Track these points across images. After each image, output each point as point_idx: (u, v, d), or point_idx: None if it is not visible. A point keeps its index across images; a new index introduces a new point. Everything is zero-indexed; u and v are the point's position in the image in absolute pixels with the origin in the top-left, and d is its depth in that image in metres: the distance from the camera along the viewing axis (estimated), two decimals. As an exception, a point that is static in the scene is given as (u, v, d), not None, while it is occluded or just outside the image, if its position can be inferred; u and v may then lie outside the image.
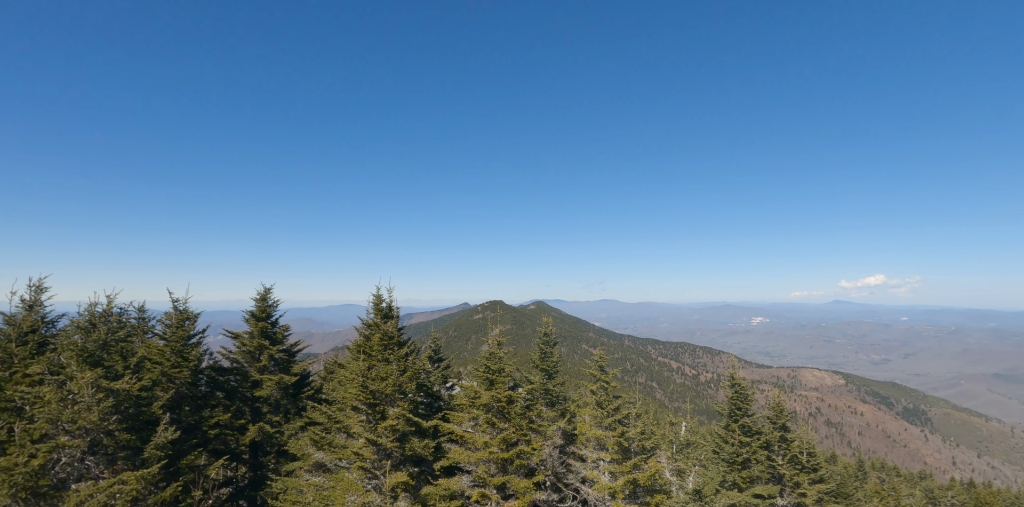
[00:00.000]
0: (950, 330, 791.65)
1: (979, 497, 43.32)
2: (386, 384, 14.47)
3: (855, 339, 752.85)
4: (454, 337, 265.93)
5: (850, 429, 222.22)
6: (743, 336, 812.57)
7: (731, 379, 17.73)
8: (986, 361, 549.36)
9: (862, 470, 57.74)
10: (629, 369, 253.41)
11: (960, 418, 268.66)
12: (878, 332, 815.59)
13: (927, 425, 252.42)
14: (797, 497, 17.82)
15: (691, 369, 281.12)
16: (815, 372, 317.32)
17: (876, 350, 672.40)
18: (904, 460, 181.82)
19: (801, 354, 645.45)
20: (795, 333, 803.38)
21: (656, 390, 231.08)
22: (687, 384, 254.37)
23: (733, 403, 17.62)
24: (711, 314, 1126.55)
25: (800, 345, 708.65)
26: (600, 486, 14.75)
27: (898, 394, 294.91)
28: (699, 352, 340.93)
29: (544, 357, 17.73)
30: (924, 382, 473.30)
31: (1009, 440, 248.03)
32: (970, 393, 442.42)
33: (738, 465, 17.46)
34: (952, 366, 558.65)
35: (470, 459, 14.36)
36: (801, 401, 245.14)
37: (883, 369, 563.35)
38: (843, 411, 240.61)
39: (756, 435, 17.70)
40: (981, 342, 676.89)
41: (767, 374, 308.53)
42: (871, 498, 41.66)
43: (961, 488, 50.75)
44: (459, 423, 15.64)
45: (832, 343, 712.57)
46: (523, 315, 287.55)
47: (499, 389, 14.75)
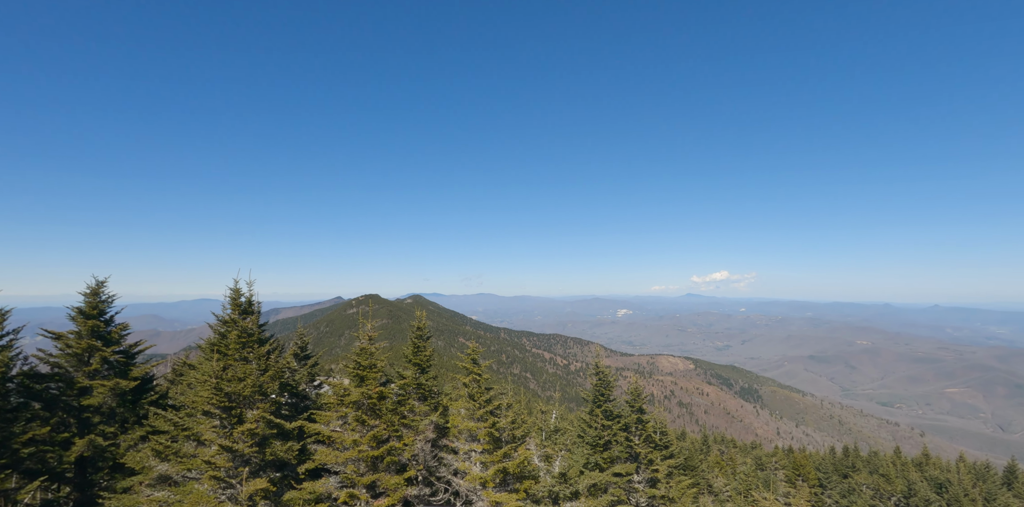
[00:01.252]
0: (778, 319, 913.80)
1: (795, 461, 50.56)
2: (244, 385, 13.41)
3: (703, 328, 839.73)
4: (326, 333, 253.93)
5: (698, 408, 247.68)
6: (610, 327, 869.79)
7: (595, 367, 18.90)
8: (804, 345, 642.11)
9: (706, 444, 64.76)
10: (505, 361, 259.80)
11: (784, 394, 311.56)
12: (722, 322, 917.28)
13: (758, 401, 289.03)
14: (651, 472, 19.51)
15: (562, 359, 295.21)
16: (670, 358, 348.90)
17: (720, 337, 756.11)
18: (740, 433, 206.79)
19: (659, 342, 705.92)
20: (654, 323, 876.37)
21: (530, 380, 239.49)
22: (559, 373, 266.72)
23: (597, 390, 18.82)
24: (582, 307, 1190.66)
25: (658, 334, 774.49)
26: (472, 476, 14.97)
27: (737, 376, 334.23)
28: (570, 343, 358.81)
29: (417, 351, 17.55)
30: (757, 364, 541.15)
31: (820, 411, 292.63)
32: (791, 373, 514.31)
33: (600, 447, 18.69)
34: (779, 350, 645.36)
35: (338, 459, 13.81)
36: (658, 385, 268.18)
37: (725, 354, 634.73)
38: (692, 392, 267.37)
39: (617, 418, 19.06)
40: (800, 329, 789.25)
41: (629, 362, 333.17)
42: (713, 468, 46.83)
43: (783, 454, 58.91)
44: (327, 423, 14.97)
45: (685, 332, 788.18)
46: (399, 309, 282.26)
47: (370, 385, 14.33)
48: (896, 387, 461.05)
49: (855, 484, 45.92)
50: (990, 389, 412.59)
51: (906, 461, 52.61)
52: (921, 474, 41.08)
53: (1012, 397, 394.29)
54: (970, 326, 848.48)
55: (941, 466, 49.81)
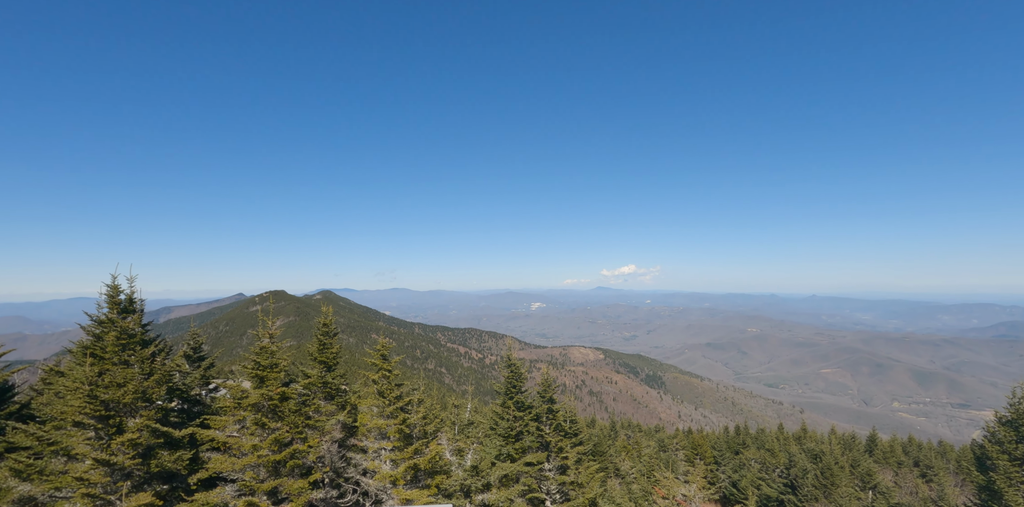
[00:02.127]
0: (679, 309, 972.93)
1: (694, 441, 54.16)
2: (124, 391, 12.18)
3: (612, 319, 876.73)
4: (225, 332, 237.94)
5: (607, 396, 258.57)
6: (524, 320, 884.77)
7: (508, 360, 19.08)
8: (702, 333, 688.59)
9: (614, 430, 67.77)
10: (419, 356, 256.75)
11: (684, 380, 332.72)
12: (630, 313, 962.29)
13: (662, 387, 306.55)
14: (561, 460, 20.04)
15: (477, 353, 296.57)
16: (581, 349, 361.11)
17: (627, 328, 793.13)
18: (646, 418, 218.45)
19: (571, 334, 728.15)
20: (566, 316, 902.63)
21: (445, 375, 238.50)
22: (473, 367, 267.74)
23: (509, 382, 19.02)
24: (496, 300, 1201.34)
25: (570, 326, 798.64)
26: (381, 475, 14.59)
27: (642, 364, 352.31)
28: (485, 337, 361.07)
29: (323, 349, 16.80)
30: (661, 352, 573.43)
31: (716, 394, 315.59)
32: (691, 359, 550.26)
33: (512, 438, 18.92)
34: (680, 338, 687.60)
35: (235, 466, 12.93)
36: (570, 375, 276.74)
37: (632, 343, 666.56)
38: (602, 381, 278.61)
39: (528, 409, 19.37)
40: (699, 319, 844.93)
41: (543, 353, 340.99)
42: (620, 452, 49.00)
43: (683, 436, 62.92)
44: (223, 428, 13.97)
45: (595, 323, 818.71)
46: (308, 306, 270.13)
47: (271, 386, 13.53)
48: (780, 369, 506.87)
49: (745, 459, 49.96)
50: (856, 368, 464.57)
51: (788, 436, 58.04)
52: (800, 447, 45.46)
53: (874, 375, 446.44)
54: (841, 313, 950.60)
55: (816, 439, 55.43)
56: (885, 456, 52.30)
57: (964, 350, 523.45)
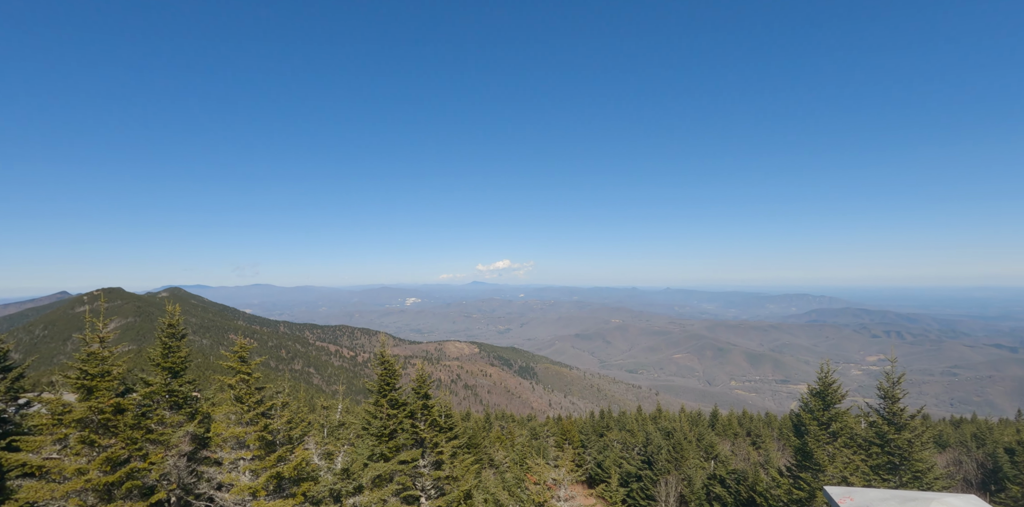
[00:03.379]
0: (551, 303, 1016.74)
1: (563, 427, 56.96)
2: None
3: (487, 313, 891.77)
4: (43, 337, 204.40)
5: (482, 389, 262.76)
6: (398, 316, 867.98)
7: (381, 357, 18.50)
8: (571, 325, 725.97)
9: (489, 422, 68.98)
10: (285, 357, 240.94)
11: (555, 370, 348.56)
12: (504, 307, 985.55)
13: (534, 378, 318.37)
14: (436, 455, 19.92)
15: (349, 351, 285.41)
16: (457, 344, 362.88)
17: (502, 322, 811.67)
18: (519, 408, 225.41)
19: (447, 329, 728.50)
20: (442, 311, 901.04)
21: (314, 375, 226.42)
22: (345, 366, 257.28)
23: (382, 379, 18.45)
24: (370, 296, 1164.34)
25: (446, 321, 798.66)
26: (240, 488, 13.40)
27: (516, 356, 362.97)
28: (357, 334, 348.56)
29: (168, 352, 14.96)
30: (533, 344, 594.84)
31: (583, 382, 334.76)
32: (561, 350, 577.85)
33: (386, 437, 18.42)
34: (551, 330, 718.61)
35: (55, 494, 11.10)
36: (445, 370, 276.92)
37: (506, 337, 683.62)
38: (477, 375, 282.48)
39: (403, 406, 18.97)
40: (569, 311, 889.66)
41: (418, 349, 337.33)
42: (494, 443, 50.02)
43: (553, 423, 65.92)
44: (37, 450, 11.92)
45: (470, 318, 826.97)
46: (151, 305, 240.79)
47: (101, 397, 11.78)
48: (640, 356, 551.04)
49: (609, 441, 53.62)
50: (702, 353, 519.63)
51: (645, 417, 63.31)
52: (655, 426, 49.84)
53: (716, 358, 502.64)
54: (691, 304, 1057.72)
55: (669, 417, 61.07)
56: (724, 429, 59.13)
57: (785, 334, 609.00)
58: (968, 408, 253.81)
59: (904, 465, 17.69)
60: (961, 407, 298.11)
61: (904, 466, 17.69)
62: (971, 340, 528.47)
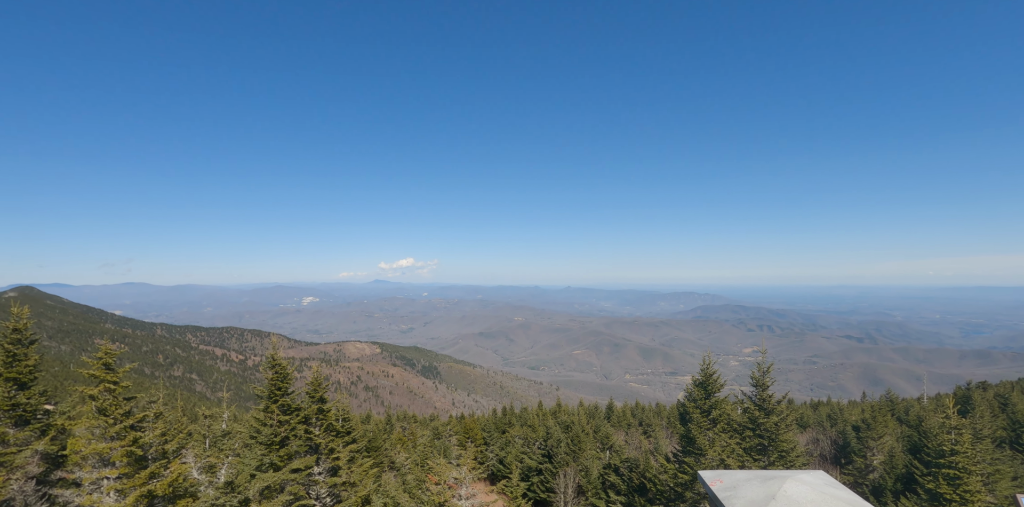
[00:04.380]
0: (455, 301, 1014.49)
1: (466, 425, 57.02)
2: None
3: (390, 312, 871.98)
4: None
5: (384, 390, 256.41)
6: (294, 316, 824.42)
7: (271, 360, 17.38)
8: (475, 324, 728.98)
9: (390, 423, 67.40)
10: (162, 362, 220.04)
11: (459, 368, 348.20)
12: (407, 306, 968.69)
13: (438, 377, 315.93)
14: (332, 461, 19.09)
15: (238, 354, 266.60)
16: (357, 344, 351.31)
17: (405, 321, 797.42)
18: (422, 408, 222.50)
19: (347, 329, 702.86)
20: (342, 310, 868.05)
21: (196, 382, 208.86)
22: (233, 371, 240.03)
23: (273, 383, 17.35)
24: (262, 295, 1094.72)
25: (346, 321, 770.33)
26: (102, 510, 11.96)
27: (419, 356, 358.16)
28: (248, 336, 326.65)
29: (13, 361, 12.99)
30: (437, 343, 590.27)
31: (487, 379, 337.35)
32: (465, 348, 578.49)
33: (277, 445, 17.35)
34: (455, 329, 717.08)
35: None
36: (345, 372, 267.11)
37: (409, 336, 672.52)
38: (379, 376, 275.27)
39: (296, 411, 17.98)
40: (473, 310, 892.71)
41: (315, 351, 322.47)
42: (396, 445, 48.98)
43: (456, 421, 65.76)
44: None
45: (372, 317, 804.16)
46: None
47: (-78, 416, 9.99)
48: (541, 353, 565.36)
49: (511, 437, 54.43)
50: (600, 348, 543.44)
51: (546, 412, 65.03)
52: (555, 420, 51.37)
53: (612, 353, 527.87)
54: (590, 302, 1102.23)
55: (568, 411, 63.20)
56: (619, 420, 62.23)
57: (674, 329, 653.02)
58: (825, 392, 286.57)
59: (772, 446, 19.59)
60: (819, 391, 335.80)
61: (772, 447, 19.59)
62: (828, 332, 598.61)
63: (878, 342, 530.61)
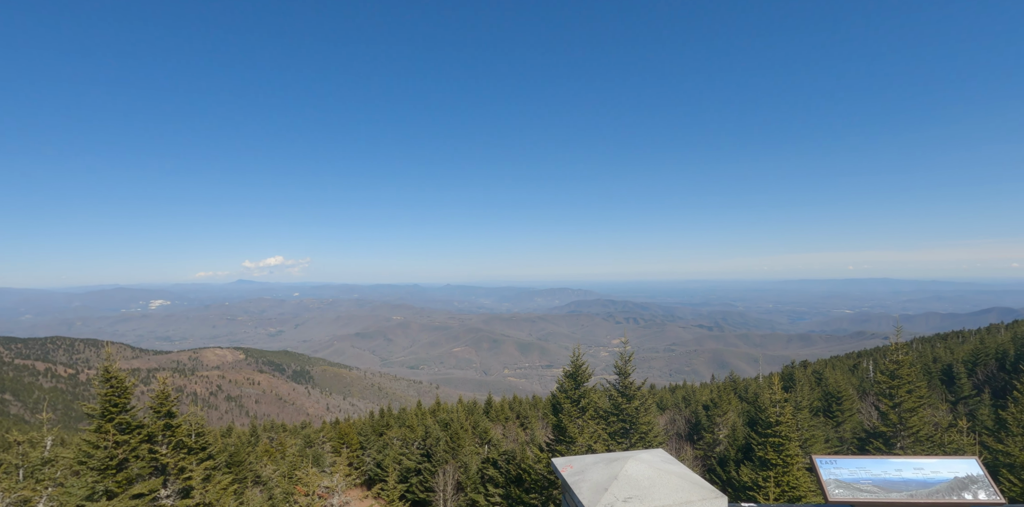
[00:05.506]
0: (329, 301, 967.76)
1: (340, 430, 54.72)
2: None
3: (256, 315, 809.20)
4: None
5: (249, 399, 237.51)
6: (140, 321, 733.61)
7: (105, 373, 15.23)
8: (351, 324, 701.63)
9: (255, 435, 62.60)
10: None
11: (333, 371, 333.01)
12: (275, 307, 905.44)
13: (310, 382, 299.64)
14: (183, 482, 17.26)
15: (67, 368, 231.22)
16: (217, 351, 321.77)
17: (273, 323, 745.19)
18: (293, 416, 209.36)
19: (205, 334, 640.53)
20: (199, 314, 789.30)
21: (11, 403, 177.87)
22: (61, 387, 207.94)
23: (107, 399, 15.21)
24: (98, 300, 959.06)
25: (204, 325, 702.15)
26: None
27: (289, 360, 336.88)
28: (80, 346, 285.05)
29: None
30: (309, 346, 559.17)
31: (364, 382, 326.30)
32: (340, 350, 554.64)
33: (113, 469, 15.29)
34: (329, 330, 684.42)
35: None
36: (203, 382, 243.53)
37: (278, 340, 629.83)
38: (243, 384, 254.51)
39: (137, 429, 15.98)
40: (348, 310, 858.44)
41: (167, 360, 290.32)
42: (262, 457, 45.63)
43: (330, 427, 62.82)
44: None
45: (235, 321, 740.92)
46: None
47: None
48: (421, 352, 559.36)
49: (388, 439, 53.19)
50: (479, 345, 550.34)
51: (425, 411, 64.50)
52: (434, 418, 51.10)
53: (491, 349, 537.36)
54: (469, 299, 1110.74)
55: (447, 409, 63.19)
56: (498, 414, 63.49)
57: (550, 324, 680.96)
58: (682, 376, 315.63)
59: (633, 429, 21.20)
60: (677, 376, 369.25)
61: (633, 429, 21.20)
62: (684, 323, 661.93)
63: (724, 330, 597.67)
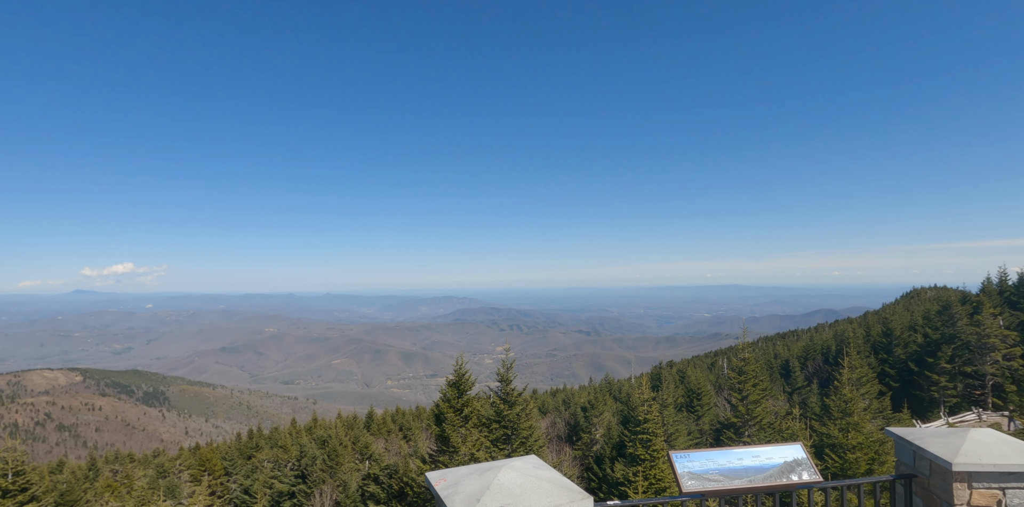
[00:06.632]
0: (189, 313, 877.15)
1: (202, 456, 49.76)
2: None
3: (97, 330, 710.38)
4: None
5: (87, 428, 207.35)
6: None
7: None
8: (216, 338, 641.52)
9: (94, 468, 54.86)
10: None
11: (193, 391, 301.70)
12: (123, 321, 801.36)
13: (165, 404, 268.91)
14: (-1, 530, 14.75)
15: None
16: (46, 373, 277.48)
17: (120, 339, 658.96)
18: (144, 444, 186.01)
19: (31, 354, 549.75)
20: (23, 330, 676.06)
21: None
22: None
23: None
24: None
25: (30, 344, 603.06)
26: None
27: (140, 380, 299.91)
28: None
29: None
30: (165, 364, 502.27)
31: (230, 401, 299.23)
32: (203, 367, 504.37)
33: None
34: (189, 345, 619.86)
35: None
36: (26, 410, 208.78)
37: (126, 358, 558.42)
38: (79, 410, 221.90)
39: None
40: (213, 322, 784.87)
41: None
42: (102, 494, 40.17)
43: (189, 453, 56.77)
44: None
45: (71, 337, 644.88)
46: None
47: None
48: (296, 366, 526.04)
49: (258, 462, 49.34)
50: (361, 356, 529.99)
51: (300, 429, 60.75)
52: (310, 436, 48.32)
53: (374, 360, 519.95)
54: (350, 309, 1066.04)
55: (325, 425, 60.06)
56: (380, 428, 61.59)
57: (435, 333, 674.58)
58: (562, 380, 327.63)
59: (515, 435, 21.78)
60: (558, 380, 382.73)
61: (515, 435, 21.78)
62: (564, 328, 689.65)
63: (601, 334, 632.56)
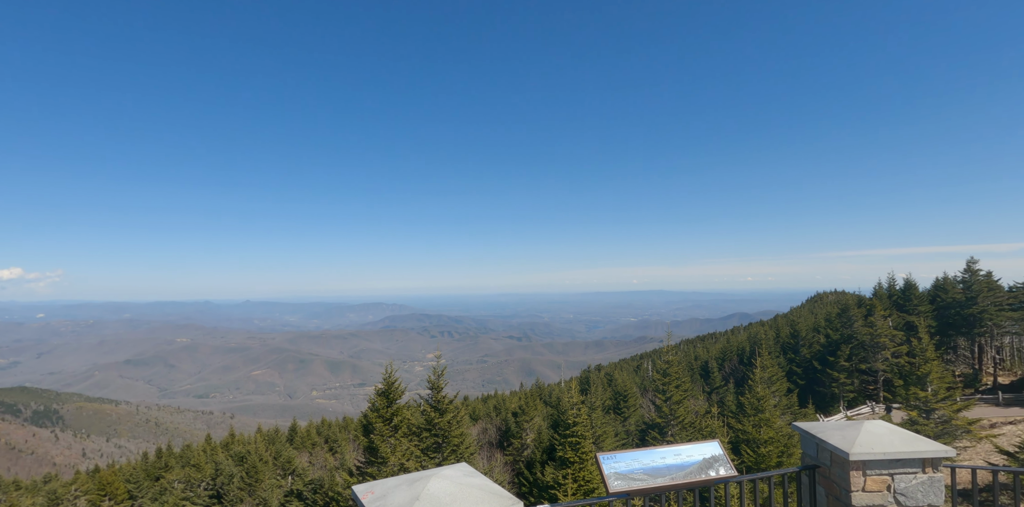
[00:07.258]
0: (88, 323, 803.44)
1: (102, 480, 45.72)
2: None
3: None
4: None
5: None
6: None
7: None
8: (120, 350, 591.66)
9: (-29, 499, 49.11)
10: None
11: (92, 408, 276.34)
12: (9, 332, 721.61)
13: (59, 424, 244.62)
14: None
15: None
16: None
17: (4, 353, 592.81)
18: (32, 468, 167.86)
19: None
20: None
21: None
22: None
23: None
24: None
25: None
26: None
27: (28, 398, 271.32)
28: None
29: None
30: (59, 380, 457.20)
31: (135, 418, 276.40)
32: (104, 382, 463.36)
33: None
34: (88, 359, 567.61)
35: None
36: None
37: (12, 373, 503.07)
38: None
39: None
40: (116, 332, 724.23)
41: None
42: (-20, 527, 36.18)
43: (86, 477, 51.96)
44: None
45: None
46: None
47: None
48: (212, 378, 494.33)
49: (167, 483, 45.98)
50: (283, 366, 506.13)
51: (216, 446, 57.17)
52: (227, 453, 45.64)
53: (297, 370, 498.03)
54: (272, 317, 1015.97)
55: (243, 441, 56.91)
56: (303, 441, 59.09)
57: (363, 340, 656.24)
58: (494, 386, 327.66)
59: (446, 443, 21.67)
60: (489, 386, 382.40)
61: (446, 443, 21.67)
62: (495, 334, 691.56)
63: (532, 340, 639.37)
